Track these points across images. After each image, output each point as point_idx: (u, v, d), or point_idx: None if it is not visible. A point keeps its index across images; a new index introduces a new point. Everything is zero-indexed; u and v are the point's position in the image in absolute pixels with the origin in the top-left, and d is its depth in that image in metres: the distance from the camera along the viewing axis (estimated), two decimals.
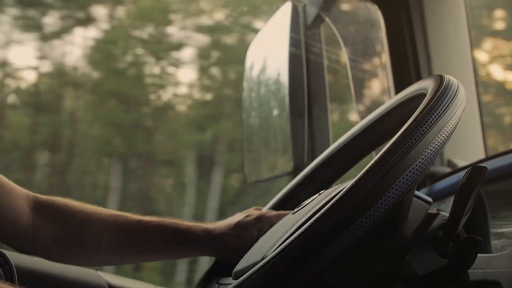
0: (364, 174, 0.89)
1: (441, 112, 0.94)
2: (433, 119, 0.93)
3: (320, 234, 0.87)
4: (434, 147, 0.91)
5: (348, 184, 0.91)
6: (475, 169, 0.97)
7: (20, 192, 1.36)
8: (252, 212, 1.37)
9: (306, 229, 0.88)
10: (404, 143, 0.90)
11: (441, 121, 0.94)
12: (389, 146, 0.90)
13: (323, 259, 0.87)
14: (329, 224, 0.87)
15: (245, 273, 0.92)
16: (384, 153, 0.90)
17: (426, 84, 1.09)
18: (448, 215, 1.02)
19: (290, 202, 1.44)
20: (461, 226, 1.00)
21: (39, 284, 1.50)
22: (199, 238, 1.35)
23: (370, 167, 0.89)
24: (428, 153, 0.91)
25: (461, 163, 1.72)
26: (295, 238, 0.88)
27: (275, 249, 0.91)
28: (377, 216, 0.87)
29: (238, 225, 1.34)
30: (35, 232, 1.35)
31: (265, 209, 1.43)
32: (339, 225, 0.87)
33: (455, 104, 0.97)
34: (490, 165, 1.35)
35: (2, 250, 1.07)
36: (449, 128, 0.94)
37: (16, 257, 1.59)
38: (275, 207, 1.46)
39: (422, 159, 0.90)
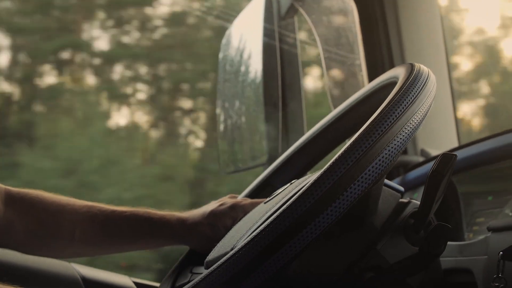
0: (329, 167, 0.88)
1: (409, 102, 0.93)
2: (401, 110, 0.92)
3: (285, 228, 0.87)
4: (401, 138, 0.91)
5: (315, 175, 0.90)
6: (445, 156, 0.97)
7: None
8: (227, 200, 1.36)
9: (271, 222, 0.88)
10: (370, 135, 0.89)
11: (410, 111, 0.93)
12: (354, 139, 0.90)
13: (289, 251, 0.87)
14: (294, 217, 0.87)
15: (216, 263, 0.92)
16: (349, 146, 0.89)
17: (397, 72, 1.09)
18: (419, 203, 1.02)
19: (265, 189, 1.44)
20: (432, 213, 1.00)
21: (11, 277, 1.49)
22: (173, 228, 1.34)
23: (334, 160, 0.88)
24: (395, 145, 0.90)
25: (434, 152, 1.72)
26: (261, 230, 0.88)
27: (244, 240, 0.90)
28: (342, 209, 0.87)
29: (212, 214, 1.33)
30: (8, 225, 1.33)
31: (240, 197, 1.43)
32: (304, 219, 0.86)
33: (425, 93, 0.97)
34: (462, 153, 1.36)
35: None
36: (418, 118, 0.93)
37: None
38: (251, 195, 1.45)
39: (388, 151, 0.89)
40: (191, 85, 4.81)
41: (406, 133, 0.91)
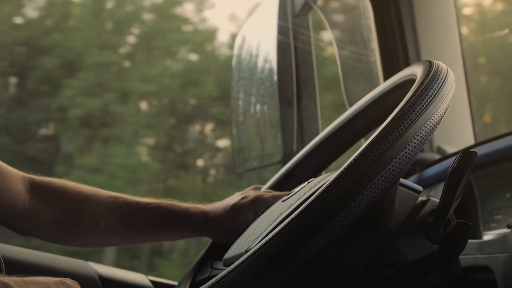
0: (344, 170, 0.87)
1: (429, 101, 0.92)
2: (420, 108, 0.91)
3: (298, 232, 0.86)
4: (419, 138, 0.90)
5: (331, 177, 0.90)
6: (466, 154, 0.96)
7: (16, 174, 1.35)
8: (250, 193, 1.37)
9: (285, 226, 0.87)
10: (391, 134, 0.88)
11: (429, 109, 0.92)
12: (371, 140, 0.89)
13: (302, 255, 0.86)
14: (307, 222, 0.86)
15: (233, 262, 0.92)
16: (365, 148, 0.88)
17: (415, 70, 1.08)
18: (438, 201, 1.01)
19: (289, 181, 1.43)
20: (451, 211, 1.00)
21: (28, 275, 1.49)
22: (195, 221, 1.36)
23: (349, 164, 0.88)
24: (413, 145, 0.89)
25: (450, 149, 1.72)
26: (275, 235, 0.87)
27: (258, 242, 0.90)
28: (357, 212, 0.86)
29: (234, 208, 1.34)
30: (33, 213, 1.35)
31: (263, 189, 1.43)
32: (317, 224, 0.86)
33: (444, 91, 0.96)
34: (479, 151, 1.35)
35: None
36: (437, 116, 0.92)
37: (5, 248, 1.59)
38: (274, 186, 1.45)
39: (408, 150, 0.89)
40: None
41: (425, 132, 0.91)
